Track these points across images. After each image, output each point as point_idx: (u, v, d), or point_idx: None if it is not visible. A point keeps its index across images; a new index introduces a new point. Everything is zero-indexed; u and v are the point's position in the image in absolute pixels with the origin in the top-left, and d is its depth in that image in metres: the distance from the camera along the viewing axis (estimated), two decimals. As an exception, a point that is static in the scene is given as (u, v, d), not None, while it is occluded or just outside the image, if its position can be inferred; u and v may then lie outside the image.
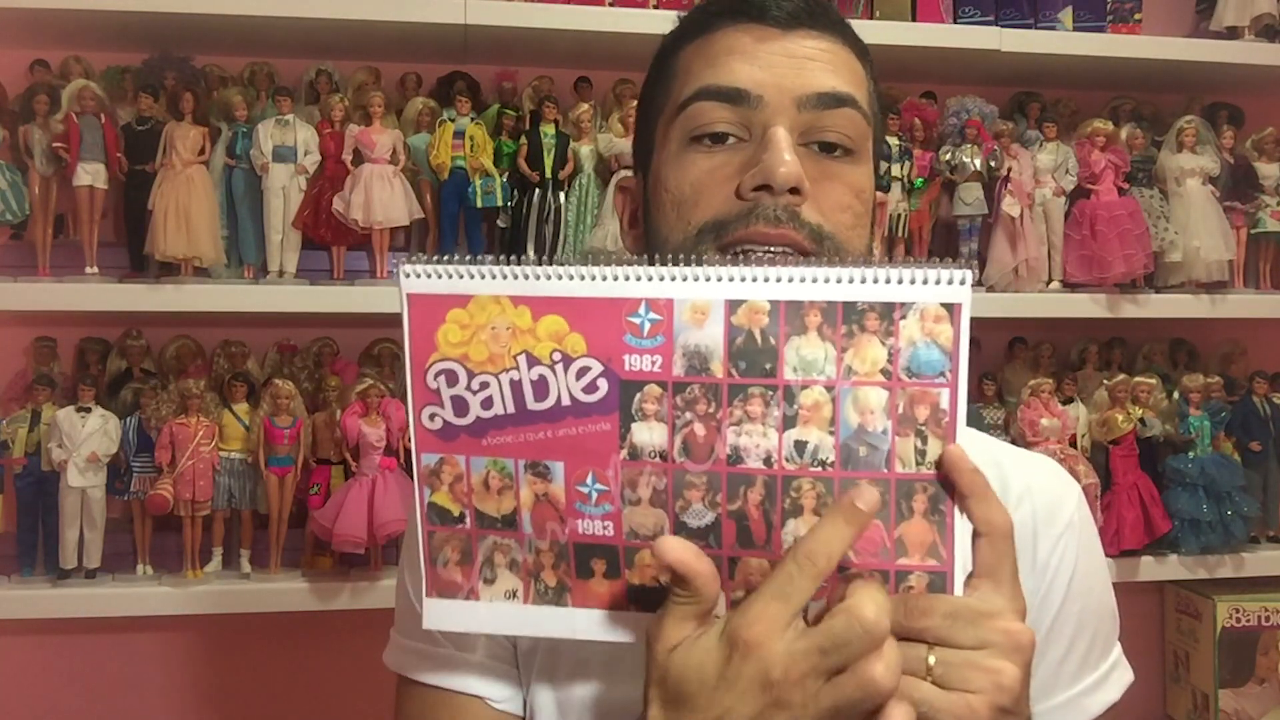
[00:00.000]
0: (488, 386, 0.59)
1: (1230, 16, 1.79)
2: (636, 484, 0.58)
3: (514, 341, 0.58)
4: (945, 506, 0.57)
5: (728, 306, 0.57)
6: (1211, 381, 1.70)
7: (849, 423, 0.56)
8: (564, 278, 0.58)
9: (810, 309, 0.56)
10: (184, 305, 1.44)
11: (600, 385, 0.58)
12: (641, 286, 0.57)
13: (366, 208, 1.48)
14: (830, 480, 0.56)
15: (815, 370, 0.56)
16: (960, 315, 0.55)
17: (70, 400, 1.44)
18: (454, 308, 0.59)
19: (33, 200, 1.45)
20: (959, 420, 0.56)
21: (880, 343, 0.56)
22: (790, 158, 0.66)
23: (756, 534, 0.57)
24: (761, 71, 0.69)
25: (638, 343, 0.57)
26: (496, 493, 0.60)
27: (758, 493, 0.57)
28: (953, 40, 1.64)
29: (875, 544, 0.56)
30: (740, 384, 0.57)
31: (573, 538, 0.59)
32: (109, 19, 1.45)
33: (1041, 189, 1.68)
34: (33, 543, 1.44)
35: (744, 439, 0.57)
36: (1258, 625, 1.73)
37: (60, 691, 1.61)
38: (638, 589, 0.59)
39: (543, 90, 1.61)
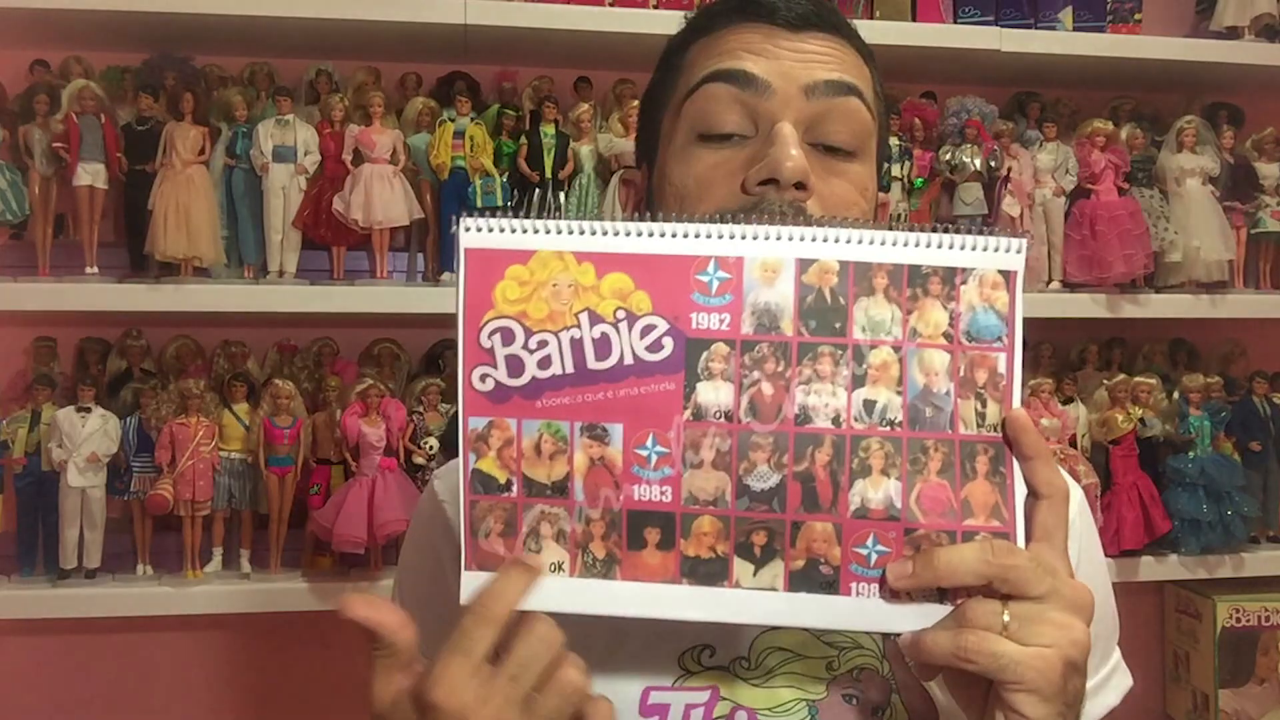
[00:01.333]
0: (546, 345, 0.57)
1: (1230, 16, 1.79)
2: (699, 446, 0.57)
3: (576, 299, 0.57)
4: (1005, 468, 0.57)
5: (799, 265, 0.57)
6: (1211, 381, 1.70)
7: (915, 383, 0.57)
8: (631, 234, 0.57)
9: (878, 270, 0.57)
10: (184, 305, 1.44)
11: (665, 344, 0.57)
12: (711, 244, 0.57)
13: (366, 208, 1.48)
14: (898, 440, 0.57)
15: (883, 331, 0.57)
16: (1015, 282, 0.57)
17: (70, 400, 1.44)
18: (514, 264, 0.57)
19: (33, 200, 1.45)
20: (1015, 384, 0.57)
21: (943, 306, 0.57)
22: (797, 152, 0.67)
23: (823, 496, 0.57)
24: (770, 62, 0.70)
25: (705, 300, 0.57)
26: (549, 458, 0.58)
27: (825, 453, 0.57)
28: (953, 40, 1.64)
29: (943, 504, 0.57)
30: (810, 343, 0.57)
31: (627, 505, 0.58)
32: (109, 19, 1.45)
33: (1041, 189, 1.68)
34: (33, 543, 1.44)
35: (813, 398, 0.57)
36: (1258, 625, 1.73)
37: (60, 691, 1.61)
38: (692, 561, 0.58)
39: (543, 90, 1.61)
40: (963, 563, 0.53)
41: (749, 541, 0.57)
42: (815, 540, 0.57)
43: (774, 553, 0.57)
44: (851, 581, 0.57)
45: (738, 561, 0.57)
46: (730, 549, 0.57)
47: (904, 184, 1.64)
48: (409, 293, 1.50)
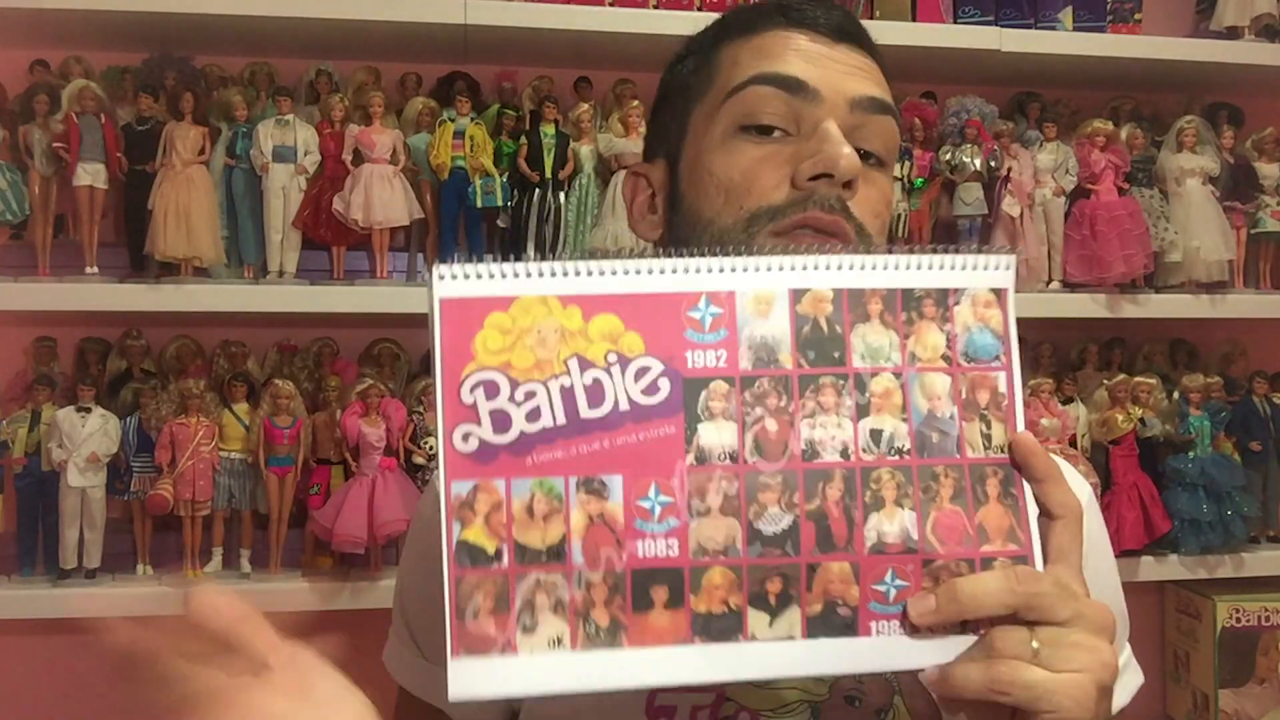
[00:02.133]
0: (534, 396, 0.53)
1: (1230, 16, 1.79)
2: (705, 491, 0.54)
3: (564, 345, 0.54)
4: (1016, 490, 0.56)
5: (792, 296, 0.55)
6: (1211, 381, 1.70)
7: (920, 409, 0.56)
8: (617, 273, 0.54)
9: (871, 296, 0.56)
10: (184, 305, 1.44)
11: (661, 386, 0.54)
12: (700, 279, 0.55)
13: (366, 208, 1.48)
14: (909, 468, 0.55)
15: (882, 357, 0.56)
16: (1007, 300, 0.57)
17: (70, 400, 1.44)
18: (494, 311, 0.53)
19: (33, 200, 1.45)
20: (1017, 403, 0.56)
21: (939, 329, 0.56)
22: (850, 150, 0.67)
23: (838, 534, 0.54)
24: (817, 69, 0.70)
25: (700, 338, 0.55)
26: (543, 519, 0.53)
27: (837, 488, 0.55)
28: (953, 40, 1.64)
29: (959, 532, 0.55)
30: (811, 374, 0.55)
31: (631, 563, 0.53)
32: (109, 19, 1.45)
33: (1041, 189, 1.68)
34: (33, 543, 1.44)
35: (819, 431, 0.55)
36: (1258, 625, 1.73)
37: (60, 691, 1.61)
38: (704, 618, 0.53)
39: (543, 90, 1.61)
40: (987, 594, 0.52)
41: (763, 590, 0.54)
42: (832, 581, 0.54)
43: (790, 599, 0.54)
44: (871, 620, 0.54)
45: (752, 613, 0.54)
46: (744, 600, 0.54)
47: (904, 184, 1.63)
48: (409, 293, 1.50)
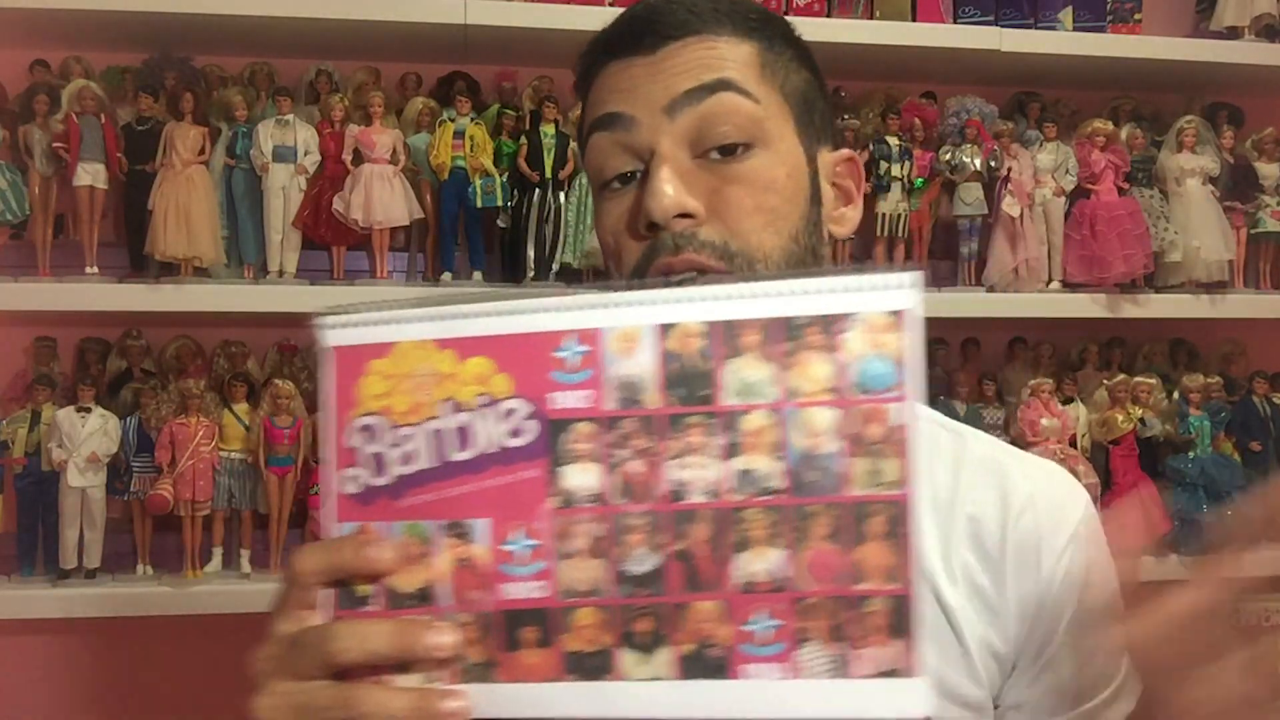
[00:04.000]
0: (409, 439, 0.54)
1: (1230, 16, 1.78)
2: (572, 534, 0.53)
3: (438, 388, 0.54)
4: (903, 528, 0.53)
5: (659, 332, 0.53)
6: (1211, 381, 1.70)
7: (797, 447, 0.53)
8: (491, 314, 0.54)
9: (747, 328, 0.53)
10: (184, 305, 1.44)
11: (527, 428, 0.53)
12: (567, 318, 0.53)
13: (366, 208, 1.48)
14: (781, 508, 0.53)
15: (757, 393, 0.53)
16: (909, 322, 0.52)
17: (70, 400, 1.44)
18: (376, 358, 0.54)
19: (33, 200, 1.45)
20: (914, 436, 0.52)
21: (825, 358, 0.52)
22: (663, 188, 0.66)
23: (706, 574, 0.53)
24: (629, 94, 0.70)
25: (566, 378, 0.53)
26: (413, 563, 0.54)
27: (704, 528, 0.53)
28: (953, 40, 1.64)
29: (833, 570, 0.53)
30: (678, 414, 0.53)
31: (499, 605, 0.54)
32: (109, 19, 1.45)
33: (1041, 189, 1.68)
34: (33, 543, 1.44)
35: (686, 472, 0.53)
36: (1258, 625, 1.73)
37: (60, 691, 1.61)
38: (575, 656, 0.54)
39: (543, 90, 1.61)
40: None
41: (633, 630, 0.53)
42: (703, 621, 0.53)
43: (661, 639, 0.53)
44: (742, 663, 0.53)
45: (623, 653, 0.54)
46: (614, 640, 0.53)
47: (904, 184, 1.63)
48: (409, 293, 1.50)
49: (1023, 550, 0.72)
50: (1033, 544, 0.72)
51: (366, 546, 0.53)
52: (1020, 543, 0.72)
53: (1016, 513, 0.73)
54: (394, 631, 0.52)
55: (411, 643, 0.52)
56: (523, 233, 1.55)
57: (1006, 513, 0.73)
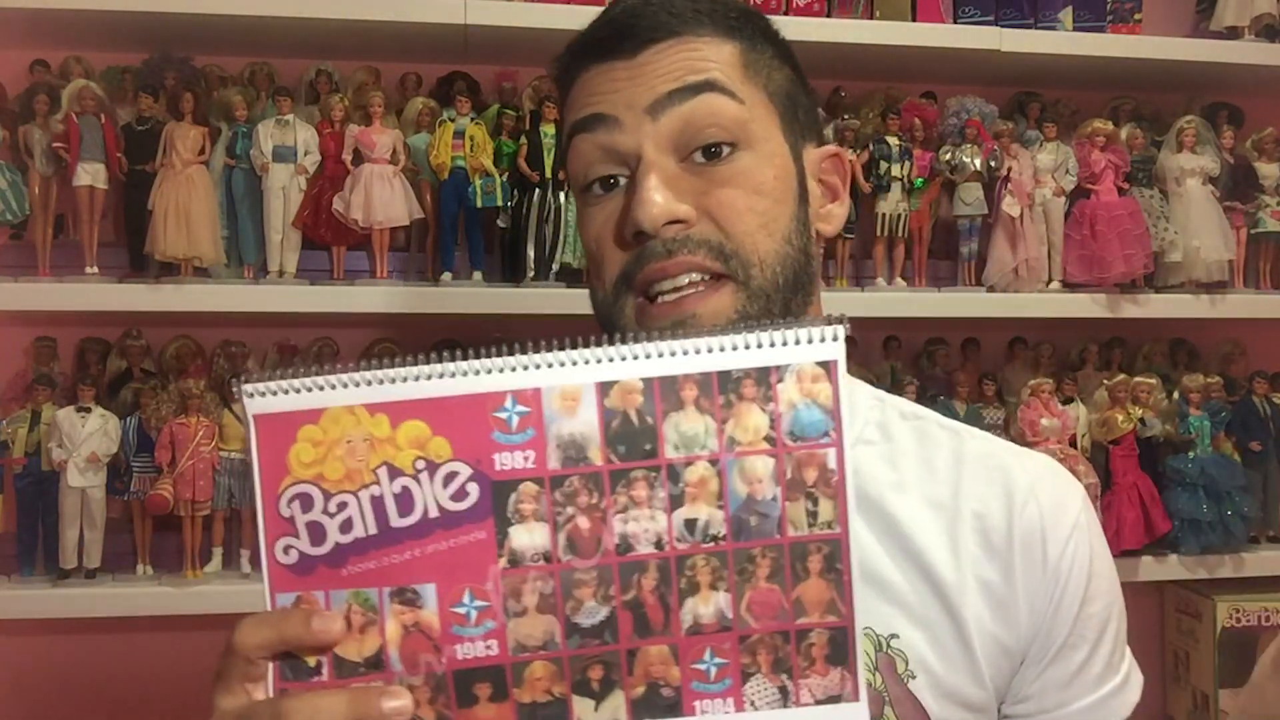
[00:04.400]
0: (346, 507, 0.54)
1: (1230, 16, 1.78)
2: (521, 593, 0.54)
3: (373, 454, 0.54)
4: (840, 564, 0.56)
5: (599, 390, 0.54)
6: (1211, 381, 1.70)
7: (738, 494, 0.55)
8: (421, 378, 0.54)
9: (685, 383, 0.54)
10: (184, 305, 1.44)
11: (470, 490, 0.54)
12: (505, 379, 0.54)
13: (366, 208, 1.48)
14: (724, 553, 0.55)
15: (697, 445, 0.55)
16: (836, 372, 0.55)
17: (70, 400, 1.44)
18: (305, 424, 0.54)
19: (33, 200, 1.45)
20: (847, 479, 0.55)
21: (760, 409, 0.55)
22: (651, 196, 0.66)
23: (654, 620, 0.55)
24: (611, 97, 0.69)
25: (507, 439, 0.54)
26: (360, 631, 0.54)
27: (651, 578, 0.55)
28: (953, 40, 1.64)
29: (774, 608, 0.56)
30: (621, 469, 0.54)
31: (451, 665, 0.54)
32: (109, 19, 1.45)
33: (1041, 189, 1.68)
34: (33, 543, 1.44)
35: (631, 525, 0.55)
36: (1258, 625, 1.73)
37: (60, 691, 1.61)
38: (529, 708, 0.55)
39: (543, 90, 1.61)
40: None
41: (586, 677, 0.55)
42: (653, 664, 0.55)
43: (612, 684, 0.55)
44: (694, 700, 0.56)
45: (577, 700, 0.55)
46: (568, 689, 0.55)
47: (904, 184, 1.63)
48: (409, 293, 1.50)
49: (1028, 542, 0.72)
50: (1038, 535, 0.73)
51: (313, 619, 0.53)
52: (1026, 535, 0.72)
53: (1020, 505, 0.73)
54: (347, 702, 0.52)
55: (365, 711, 0.52)
56: (523, 233, 1.55)
57: (1010, 506, 0.73)
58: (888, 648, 0.69)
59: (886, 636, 0.70)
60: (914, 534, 0.72)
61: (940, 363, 1.76)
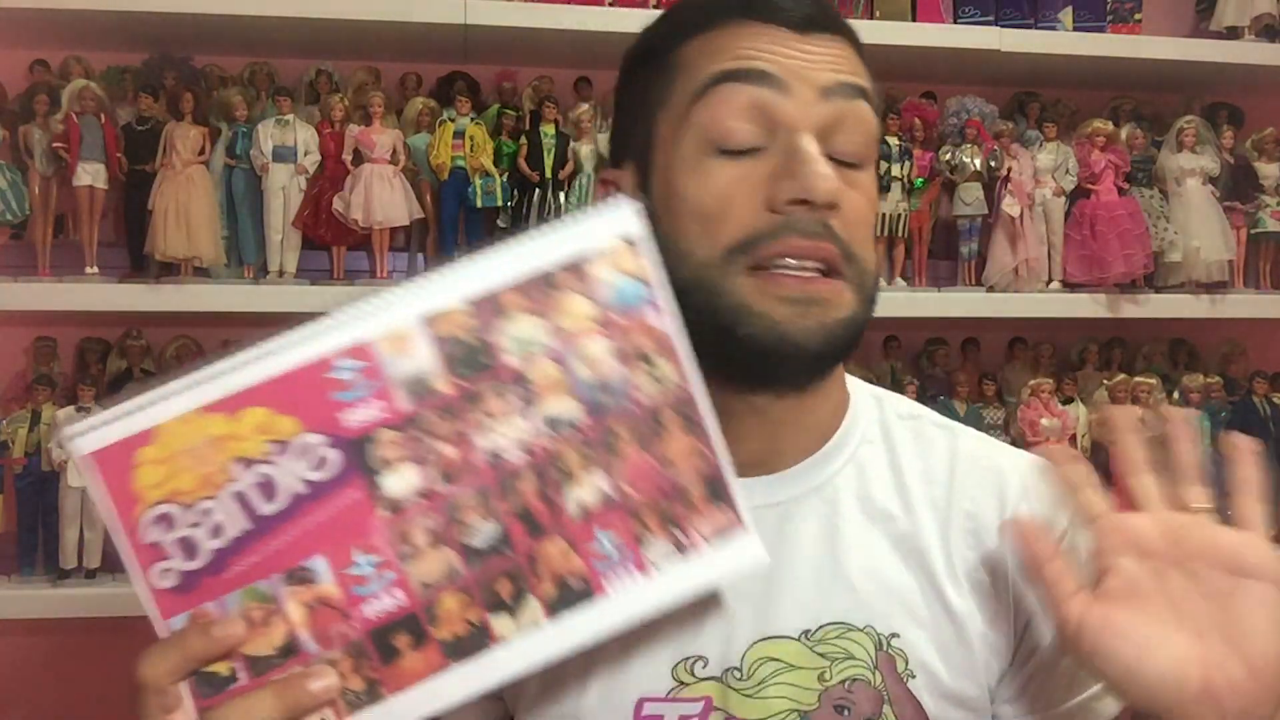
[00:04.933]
0: (210, 513, 0.53)
1: (1230, 16, 1.79)
2: (409, 536, 0.55)
3: (220, 453, 0.53)
4: (695, 415, 0.58)
5: (426, 323, 0.55)
6: (1211, 381, 1.70)
7: (584, 379, 0.57)
8: (244, 365, 0.54)
9: (505, 293, 0.56)
10: (184, 305, 1.44)
11: (329, 456, 0.54)
12: (329, 340, 0.55)
13: (366, 208, 1.48)
14: (588, 438, 0.57)
15: (535, 345, 0.56)
16: (641, 242, 0.57)
17: (70, 400, 1.45)
18: (141, 447, 0.52)
19: (33, 200, 1.45)
20: (679, 335, 0.58)
21: (582, 295, 0.57)
22: (828, 170, 0.64)
23: (543, 520, 0.57)
24: (784, 62, 0.66)
25: (351, 396, 0.54)
26: (263, 625, 0.54)
27: (529, 482, 0.56)
28: (953, 40, 1.64)
29: (647, 472, 0.58)
30: (470, 390, 0.55)
31: (365, 628, 0.55)
32: (109, 19, 1.45)
33: (1041, 189, 1.68)
34: (33, 543, 1.44)
35: (495, 439, 0.56)
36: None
37: (60, 691, 1.61)
38: (452, 643, 0.56)
39: (543, 90, 1.61)
40: None
41: (496, 596, 0.56)
42: (554, 561, 0.57)
43: (523, 593, 0.56)
44: (601, 579, 0.58)
45: (494, 619, 0.56)
46: (483, 612, 0.56)
47: (904, 184, 1.63)
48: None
49: None
50: None
51: (213, 628, 0.52)
52: None
53: (1012, 506, 0.73)
54: (274, 695, 0.52)
55: (296, 699, 0.52)
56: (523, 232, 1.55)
57: (1003, 507, 0.73)
58: (888, 646, 0.69)
59: (887, 635, 0.70)
60: (914, 534, 0.72)
61: (940, 363, 1.76)
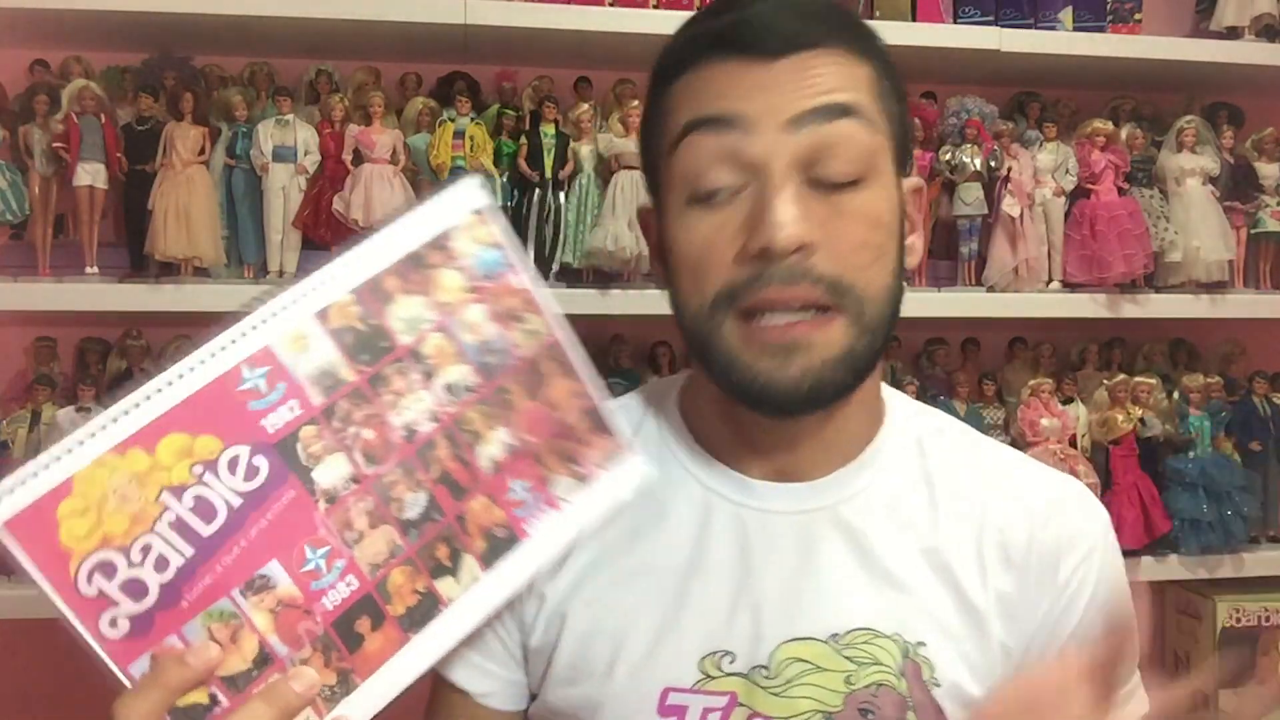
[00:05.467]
0: (150, 548, 0.53)
1: (1230, 16, 1.78)
2: (350, 522, 0.58)
3: (146, 487, 0.53)
4: (567, 359, 0.65)
5: (319, 319, 0.58)
6: (1211, 381, 1.70)
7: (470, 345, 0.62)
8: (147, 397, 0.54)
9: (384, 277, 0.60)
10: (184, 305, 1.44)
11: (258, 464, 0.55)
12: (230, 354, 0.56)
13: (366, 208, 1.48)
14: (485, 398, 0.62)
15: (422, 322, 0.61)
16: (490, 213, 0.63)
17: (70, 400, 1.44)
18: (60, 500, 0.52)
19: (33, 200, 1.45)
20: (537, 291, 0.64)
21: (451, 270, 0.62)
22: (787, 215, 0.62)
23: (463, 480, 0.61)
24: (748, 100, 0.65)
25: (265, 403, 0.56)
26: (232, 641, 0.54)
27: (444, 449, 0.61)
28: (953, 40, 1.64)
29: (541, 417, 0.64)
30: (375, 373, 0.59)
31: (327, 620, 0.57)
32: (109, 19, 1.45)
33: (1041, 189, 1.68)
34: (33, 543, 1.44)
35: (407, 414, 0.60)
36: (1258, 625, 1.73)
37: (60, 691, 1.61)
38: (407, 615, 0.59)
39: (543, 90, 1.61)
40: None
41: (437, 561, 0.60)
42: (479, 517, 0.62)
43: (459, 553, 0.60)
44: (521, 524, 0.63)
45: (439, 584, 0.60)
46: (428, 579, 0.59)
47: (904, 184, 1.63)
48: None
49: (1044, 559, 0.73)
50: (1053, 554, 0.73)
51: (187, 656, 0.52)
52: (1043, 552, 0.73)
53: (1041, 523, 0.74)
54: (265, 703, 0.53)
55: (286, 702, 0.53)
56: (523, 233, 1.55)
57: (1032, 523, 0.74)
58: (914, 654, 0.70)
59: (914, 643, 0.70)
60: (944, 547, 0.73)
61: (940, 363, 1.76)
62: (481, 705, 0.76)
